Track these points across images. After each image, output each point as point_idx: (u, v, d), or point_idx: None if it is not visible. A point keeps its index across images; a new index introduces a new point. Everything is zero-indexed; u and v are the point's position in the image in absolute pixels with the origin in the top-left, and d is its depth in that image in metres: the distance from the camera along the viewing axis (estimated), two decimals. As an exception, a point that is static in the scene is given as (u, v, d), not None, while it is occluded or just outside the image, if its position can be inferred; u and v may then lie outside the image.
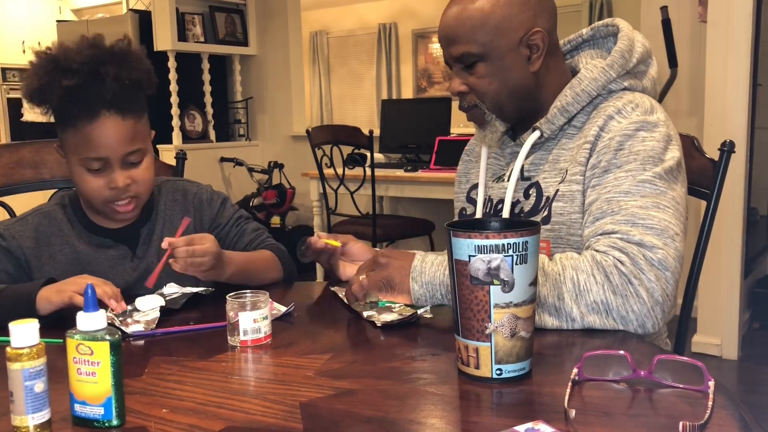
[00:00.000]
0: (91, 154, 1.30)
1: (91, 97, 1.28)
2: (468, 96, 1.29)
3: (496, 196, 1.35)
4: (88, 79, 1.27)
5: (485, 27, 1.23)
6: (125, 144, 1.30)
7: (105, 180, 1.32)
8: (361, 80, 9.82)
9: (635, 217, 1.11)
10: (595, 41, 1.38)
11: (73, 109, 1.29)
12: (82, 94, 1.28)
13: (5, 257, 1.35)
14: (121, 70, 1.29)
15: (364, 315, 1.19)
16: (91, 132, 1.28)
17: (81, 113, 1.28)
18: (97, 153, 1.29)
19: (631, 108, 1.21)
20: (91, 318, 0.80)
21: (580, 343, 1.04)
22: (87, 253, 1.40)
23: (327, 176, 4.01)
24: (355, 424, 0.79)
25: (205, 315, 1.25)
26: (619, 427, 0.76)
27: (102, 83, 1.28)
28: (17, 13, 7.13)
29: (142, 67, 1.34)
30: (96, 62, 1.28)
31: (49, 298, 1.19)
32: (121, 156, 1.31)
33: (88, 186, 1.33)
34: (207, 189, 1.55)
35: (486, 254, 0.86)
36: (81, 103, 1.28)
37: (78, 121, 1.29)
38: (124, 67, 1.30)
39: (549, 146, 1.30)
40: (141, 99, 1.35)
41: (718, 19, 3.15)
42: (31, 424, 0.78)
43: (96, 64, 1.28)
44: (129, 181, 1.33)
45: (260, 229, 1.55)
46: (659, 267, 1.07)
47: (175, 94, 5.04)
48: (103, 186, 1.32)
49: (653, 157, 1.16)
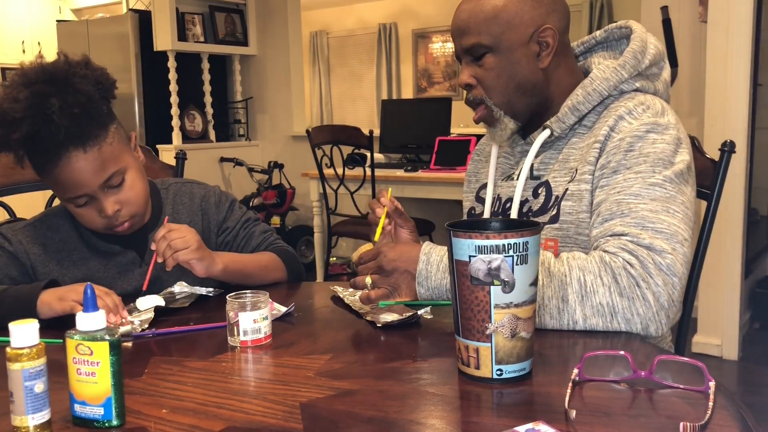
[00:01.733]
0: (70, 194, 1.28)
1: (45, 142, 1.22)
2: (475, 89, 1.30)
3: (505, 194, 1.35)
4: (35, 124, 1.20)
5: (497, 19, 1.24)
6: (96, 175, 1.26)
7: (95, 210, 1.30)
8: (361, 80, 9.82)
9: (645, 220, 1.11)
10: (608, 43, 1.38)
11: (33, 157, 1.26)
12: (36, 141, 1.22)
13: (11, 262, 1.35)
14: (65, 96, 1.21)
15: (364, 315, 1.19)
16: (59, 175, 1.25)
17: (42, 160, 1.25)
18: (75, 192, 1.27)
19: (642, 109, 1.21)
20: (90, 318, 0.80)
21: (581, 343, 1.04)
22: (95, 259, 1.39)
23: (327, 176, 4.01)
24: (355, 425, 0.79)
25: (205, 315, 1.25)
26: (619, 427, 0.76)
27: (50, 123, 1.20)
28: (17, 13, 7.12)
29: (87, 82, 1.25)
30: (37, 101, 1.20)
31: (50, 304, 1.19)
32: (98, 187, 1.27)
33: (83, 219, 1.33)
34: (215, 191, 1.53)
35: (486, 254, 0.86)
36: (38, 150, 1.25)
37: (43, 168, 1.26)
38: (68, 93, 1.22)
39: (559, 145, 1.29)
40: (100, 115, 1.27)
41: (718, 19, 3.15)
42: (31, 425, 0.78)
43: (37, 103, 1.20)
44: (118, 207, 1.30)
45: (268, 232, 1.54)
46: (667, 272, 1.07)
47: (175, 94, 5.04)
48: (95, 216, 1.31)
49: (663, 159, 1.16)
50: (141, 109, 5.18)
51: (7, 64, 6.96)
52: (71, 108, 1.21)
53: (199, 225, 1.47)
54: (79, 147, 1.23)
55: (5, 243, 1.35)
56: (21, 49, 7.09)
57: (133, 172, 1.33)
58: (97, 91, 1.26)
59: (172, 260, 1.28)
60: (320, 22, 9.84)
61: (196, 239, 1.31)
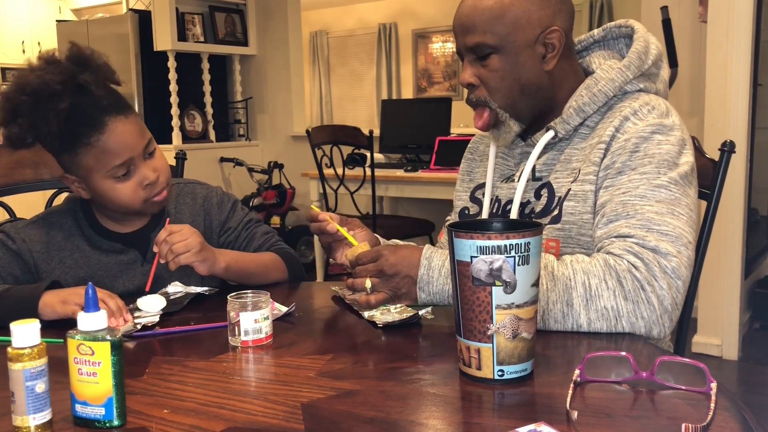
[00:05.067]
0: (117, 162, 1.29)
1: (90, 110, 1.26)
2: (478, 90, 1.27)
3: (505, 196, 1.34)
4: (78, 95, 1.25)
5: (503, 19, 1.21)
6: (140, 138, 1.32)
7: (136, 181, 1.32)
8: (361, 80, 9.82)
9: (651, 222, 1.10)
10: (605, 42, 1.37)
11: (78, 128, 1.27)
12: (80, 111, 1.26)
13: (14, 260, 1.35)
14: (96, 73, 1.28)
15: (365, 315, 1.19)
16: (106, 142, 1.27)
17: (88, 129, 1.27)
18: (122, 158, 1.29)
19: (647, 110, 1.20)
20: (91, 318, 0.80)
21: (582, 344, 1.04)
22: (97, 257, 1.39)
23: (327, 176, 4.01)
24: (356, 425, 0.79)
25: (206, 315, 1.25)
26: (621, 428, 0.76)
27: (90, 94, 1.26)
28: (17, 13, 7.12)
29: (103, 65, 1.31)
30: (70, 77, 1.25)
31: (53, 306, 1.19)
32: (142, 151, 1.32)
33: (123, 194, 1.32)
34: (217, 191, 1.54)
35: (488, 255, 0.86)
36: (83, 119, 1.26)
37: (88, 138, 1.27)
38: (95, 71, 1.28)
39: (561, 146, 1.28)
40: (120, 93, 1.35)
41: (718, 19, 3.15)
42: (32, 425, 0.78)
43: (71, 78, 1.25)
44: (157, 174, 1.35)
45: (270, 233, 1.54)
46: (672, 275, 1.07)
47: (175, 94, 5.04)
48: (136, 188, 1.33)
49: (668, 161, 1.15)
50: (141, 109, 5.18)
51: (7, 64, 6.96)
52: (104, 81, 1.29)
53: (201, 225, 1.47)
54: (121, 113, 1.29)
55: (8, 241, 1.35)
56: (21, 49, 7.09)
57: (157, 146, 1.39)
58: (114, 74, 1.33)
59: (173, 264, 1.29)
60: (320, 22, 9.84)
61: (198, 241, 1.31)
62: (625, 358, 0.87)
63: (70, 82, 1.25)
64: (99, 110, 1.27)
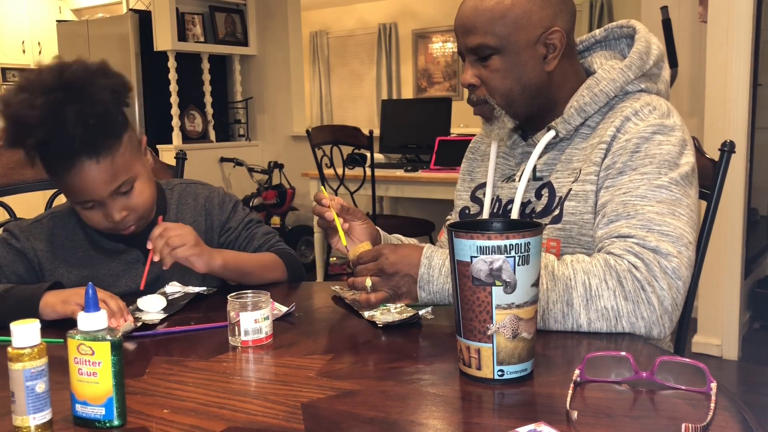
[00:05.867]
0: (79, 199, 1.28)
1: (58, 149, 1.22)
2: (479, 89, 1.27)
3: (506, 196, 1.34)
4: (50, 132, 1.19)
5: (504, 20, 1.21)
6: (107, 185, 1.26)
7: (102, 213, 1.30)
8: (361, 80, 9.82)
9: (651, 222, 1.10)
10: (607, 42, 1.37)
11: (47, 159, 1.26)
12: (53, 145, 1.21)
13: (18, 259, 1.35)
14: (82, 106, 1.19)
15: (365, 315, 1.19)
16: (70, 180, 1.25)
17: (56, 164, 1.25)
18: (83, 198, 1.27)
19: (648, 110, 1.20)
20: (92, 318, 0.80)
21: (582, 344, 1.04)
22: (100, 257, 1.40)
23: (327, 176, 4.01)
24: (356, 425, 0.79)
25: (206, 315, 1.25)
26: (621, 428, 0.76)
27: (65, 132, 1.19)
28: (17, 13, 7.12)
29: (105, 91, 1.23)
30: (53, 109, 1.18)
31: (54, 306, 1.19)
32: (108, 195, 1.27)
33: (89, 220, 1.32)
34: (218, 192, 1.54)
35: (488, 255, 0.86)
36: (51, 156, 1.24)
37: (54, 172, 1.27)
38: (84, 102, 1.20)
39: (562, 146, 1.28)
40: (115, 125, 1.27)
41: (718, 19, 3.15)
42: (32, 425, 0.78)
43: (53, 111, 1.18)
44: (125, 213, 1.30)
45: (271, 233, 1.54)
46: (672, 276, 1.07)
47: (175, 94, 5.04)
48: (102, 219, 1.31)
49: (669, 161, 1.15)
50: (141, 109, 5.18)
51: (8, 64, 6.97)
52: (87, 118, 1.20)
53: (202, 225, 1.47)
54: (92, 157, 1.23)
55: (13, 240, 1.36)
56: (21, 49, 7.09)
57: (142, 180, 1.33)
58: (114, 100, 1.25)
59: (170, 258, 1.28)
60: (320, 22, 9.84)
61: (193, 235, 1.31)
62: (625, 358, 0.87)
63: (51, 114, 1.18)
64: (69, 150, 1.21)
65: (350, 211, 1.33)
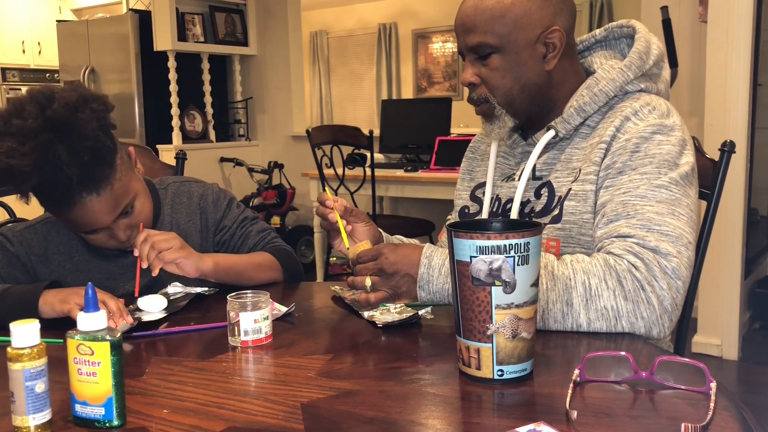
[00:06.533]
0: (84, 230, 1.29)
1: (57, 190, 1.20)
2: (479, 88, 1.28)
3: (505, 195, 1.34)
4: (45, 174, 1.16)
5: (504, 19, 1.21)
6: (110, 214, 1.26)
7: (107, 234, 1.30)
8: (361, 80, 9.82)
9: (651, 222, 1.10)
10: (607, 42, 1.37)
11: (45, 201, 1.26)
12: (50, 188, 1.20)
13: (13, 262, 1.35)
14: (72, 143, 1.16)
15: (365, 315, 1.19)
16: (73, 216, 1.24)
17: (57, 204, 1.25)
18: (89, 228, 1.28)
19: (648, 110, 1.20)
20: (91, 318, 0.80)
21: (582, 344, 1.04)
22: (96, 261, 1.40)
23: (327, 176, 4.01)
24: (356, 425, 0.79)
25: (206, 315, 1.25)
26: (620, 428, 0.76)
27: (61, 173, 1.16)
28: (17, 13, 7.13)
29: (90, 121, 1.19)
30: (43, 152, 1.14)
31: (52, 305, 1.19)
32: (111, 222, 1.28)
33: (94, 242, 1.33)
34: (213, 189, 1.53)
35: (487, 255, 0.86)
36: (53, 195, 1.23)
37: (57, 210, 1.27)
38: (73, 138, 1.17)
39: (562, 146, 1.28)
40: (107, 152, 1.23)
41: (718, 19, 3.15)
42: (32, 425, 0.78)
43: (44, 154, 1.15)
44: (130, 231, 1.31)
45: (266, 230, 1.53)
46: (672, 276, 1.07)
47: (175, 94, 5.04)
48: (106, 239, 1.31)
49: (668, 161, 1.15)
50: (141, 109, 5.18)
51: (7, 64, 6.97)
52: (80, 155, 1.17)
53: (197, 224, 1.47)
54: (92, 192, 1.22)
55: (7, 243, 1.36)
56: (21, 49, 7.09)
57: (141, 197, 1.33)
58: (101, 129, 1.22)
59: (158, 261, 1.27)
60: (320, 22, 9.84)
61: (178, 240, 1.31)
62: (624, 358, 0.87)
63: (43, 159, 1.15)
64: (68, 190, 1.20)
65: (353, 212, 1.33)
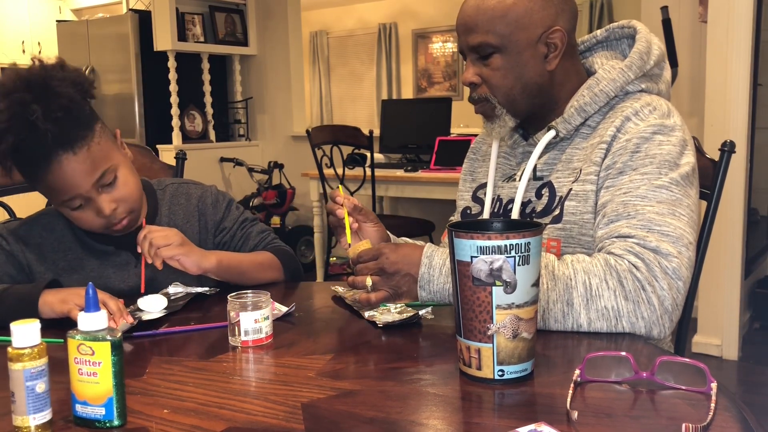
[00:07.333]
0: (64, 197, 1.26)
1: (32, 149, 1.20)
2: (480, 88, 1.28)
3: (506, 195, 1.34)
4: (21, 132, 1.18)
5: (505, 19, 1.22)
6: (89, 175, 1.24)
7: (92, 211, 1.29)
8: (361, 80, 9.82)
9: (652, 222, 1.10)
10: (608, 42, 1.37)
11: (22, 166, 1.25)
12: (24, 149, 1.20)
13: (9, 260, 1.35)
14: (46, 102, 1.18)
15: (365, 315, 1.19)
16: (51, 180, 1.23)
17: (33, 166, 1.24)
18: (68, 194, 1.26)
19: (648, 111, 1.20)
20: (92, 318, 0.80)
21: (582, 344, 1.04)
22: (90, 259, 1.39)
23: (327, 176, 4.01)
24: (356, 425, 0.79)
25: (206, 315, 1.25)
26: (621, 428, 0.76)
27: (36, 130, 1.17)
28: (17, 13, 7.13)
29: (66, 84, 1.22)
30: (18, 109, 1.17)
31: (52, 305, 1.19)
32: (92, 186, 1.25)
33: (81, 222, 1.31)
34: (211, 191, 1.53)
35: (488, 255, 0.86)
36: (26, 159, 1.23)
37: (34, 175, 1.25)
38: (48, 97, 1.19)
39: (562, 146, 1.28)
40: (84, 115, 1.25)
41: (718, 19, 3.15)
42: (32, 425, 0.78)
43: (19, 111, 1.17)
44: (114, 205, 1.29)
45: (266, 231, 1.53)
46: (673, 276, 1.07)
47: (175, 94, 5.04)
48: (93, 217, 1.30)
49: (669, 161, 1.15)
50: (141, 109, 5.18)
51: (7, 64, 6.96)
52: (54, 112, 1.18)
53: (196, 225, 1.47)
54: (68, 150, 1.21)
55: (2, 241, 1.35)
56: (21, 49, 7.09)
57: (124, 168, 1.31)
58: (77, 92, 1.24)
59: (157, 258, 1.27)
60: (320, 22, 9.84)
61: (178, 236, 1.30)
62: (625, 358, 0.87)
63: (17, 116, 1.17)
64: (43, 149, 1.20)
65: (363, 212, 1.31)
